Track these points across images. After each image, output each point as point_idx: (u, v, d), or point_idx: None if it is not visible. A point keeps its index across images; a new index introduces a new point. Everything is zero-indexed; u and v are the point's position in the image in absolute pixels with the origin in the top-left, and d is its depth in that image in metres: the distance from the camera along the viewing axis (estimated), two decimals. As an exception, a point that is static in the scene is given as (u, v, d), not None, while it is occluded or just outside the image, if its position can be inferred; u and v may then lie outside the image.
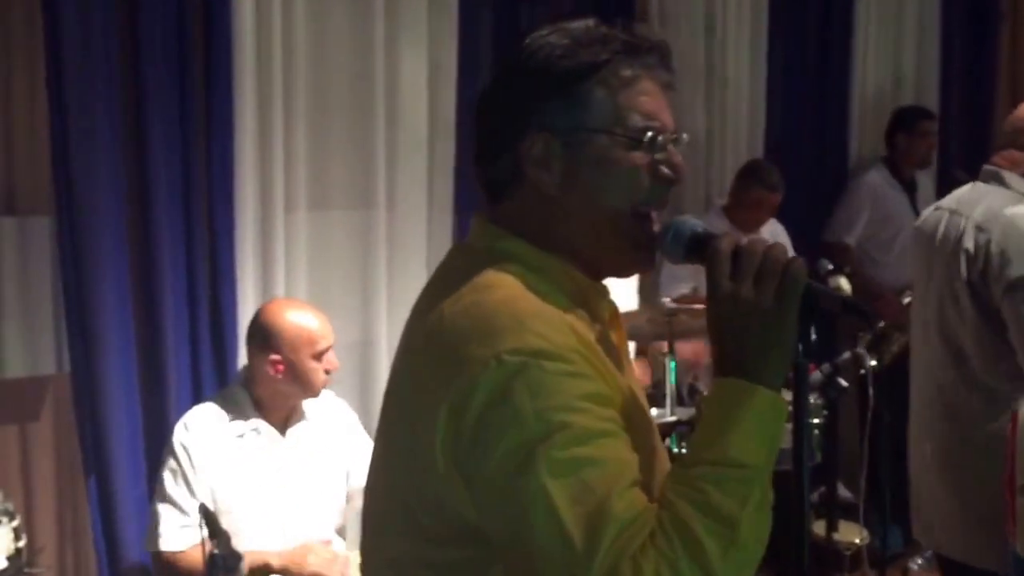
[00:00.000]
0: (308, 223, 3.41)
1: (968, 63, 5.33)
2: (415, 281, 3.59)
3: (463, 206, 3.73)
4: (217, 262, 3.18)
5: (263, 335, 2.73)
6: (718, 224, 3.99)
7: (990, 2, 5.39)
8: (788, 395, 1.26)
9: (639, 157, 1.28)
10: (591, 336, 1.25)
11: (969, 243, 2.57)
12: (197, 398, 3.01)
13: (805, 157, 4.74)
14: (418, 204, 3.63)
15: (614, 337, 1.38)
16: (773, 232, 4.22)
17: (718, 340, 1.22)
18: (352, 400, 3.08)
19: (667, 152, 1.30)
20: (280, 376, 2.71)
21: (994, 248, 2.53)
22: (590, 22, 1.32)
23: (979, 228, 2.58)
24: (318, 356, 2.72)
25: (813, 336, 1.30)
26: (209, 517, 2.28)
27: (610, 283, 1.38)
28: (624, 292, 3.59)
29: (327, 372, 2.75)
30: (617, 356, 1.35)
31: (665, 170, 1.30)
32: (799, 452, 1.28)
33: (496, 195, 1.33)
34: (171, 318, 3.07)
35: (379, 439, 1.33)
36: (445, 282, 1.29)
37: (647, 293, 3.98)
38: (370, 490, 1.35)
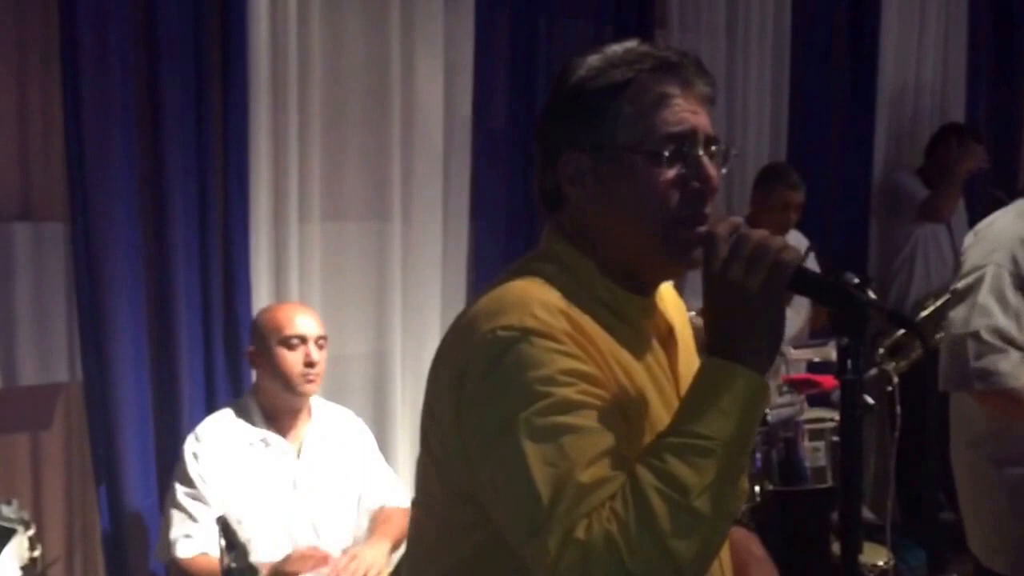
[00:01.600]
0: (322, 234, 3.46)
1: (995, 69, 5.30)
2: (430, 292, 3.62)
3: (479, 217, 3.76)
4: (231, 272, 3.22)
5: (251, 334, 2.86)
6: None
7: (1017, 7, 5.35)
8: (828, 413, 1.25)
9: (666, 171, 1.33)
10: (594, 329, 1.32)
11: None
12: (210, 408, 3.05)
13: (829, 165, 4.74)
14: (433, 215, 3.67)
15: (656, 345, 1.44)
16: (798, 244, 4.20)
17: (708, 323, 1.29)
18: (366, 411, 3.11)
19: (700, 164, 1.34)
20: (261, 370, 2.82)
21: (962, 258, 2.65)
22: (631, 43, 1.39)
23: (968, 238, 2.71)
24: (286, 343, 2.79)
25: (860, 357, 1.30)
26: (227, 529, 2.29)
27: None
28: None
29: (308, 366, 2.77)
30: (651, 360, 1.41)
31: (695, 183, 1.34)
32: (849, 476, 1.31)
33: (551, 206, 1.44)
34: (184, 328, 3.12)
35: (421, 429, 1.43)
36: (497, 279, 1.41)
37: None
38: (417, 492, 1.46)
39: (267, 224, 3.29)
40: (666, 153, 1.33)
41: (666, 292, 1.52)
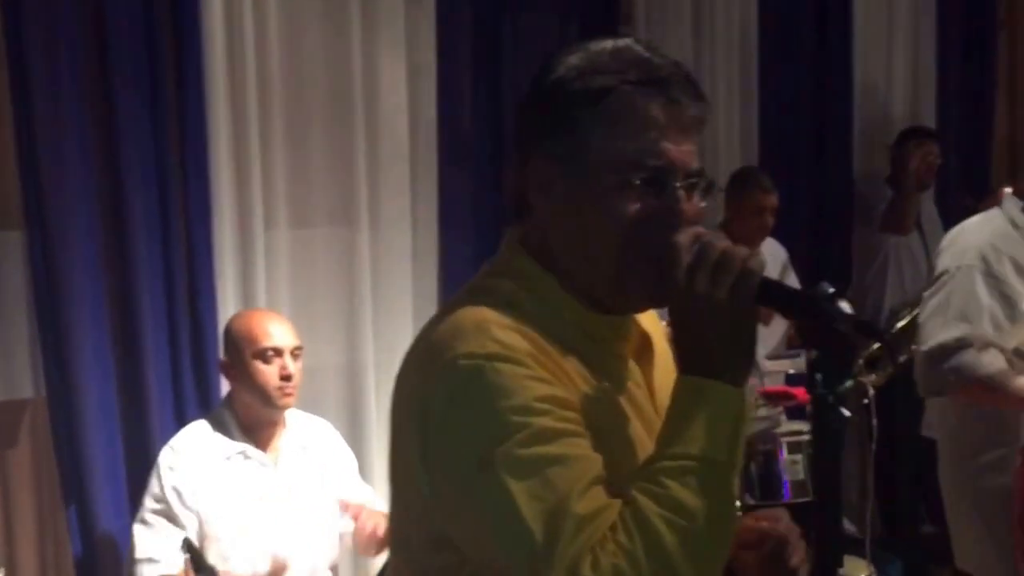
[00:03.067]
0: (289, 241, 3.45)
1: (965, 73, 5.33)
2: (401, 300, 3.62)
3: (447, 222, 3.76)
4: (196, 281, 3.21)
5: (223, 342, 2.85)
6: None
7: (988, 9, 5.38)
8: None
9: (638, 200, 1.25)
10: (559, 349, 1.26)
11: None
12: (180, 421, 3.04)
13: (803, 170, 4.74)
14: (402, 221, 3.67)
15: (631, 361, 1.37)
16: (773, 252, 4.21)
17: (677, 338, 1.25)
18: (339, 423, 3.13)
19: (675, 199, 1.26)
20: (235, 382, 2.79)
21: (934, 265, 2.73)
22: (620, 43, 1.30)
23: None
24: (261, 355, 2.75)
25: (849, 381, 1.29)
26: (193, 551, 2.26)
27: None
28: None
29: (285, 380, 2.74)
30: (624, 377, 1.35)
31: (666, 219, 1.25)
32: (824, 488, 1.30)
33: (518, 210, 1.35)
34: (150, 339, 3.10)
35: (389, 465, 1.39)
36: (452, 298, 1.36)
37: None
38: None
39: (231, 232, 3.28)
40: (637, 181, 1.25)
41: None
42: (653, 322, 1.45)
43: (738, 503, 1.21)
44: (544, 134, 1.29)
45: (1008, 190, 2.75)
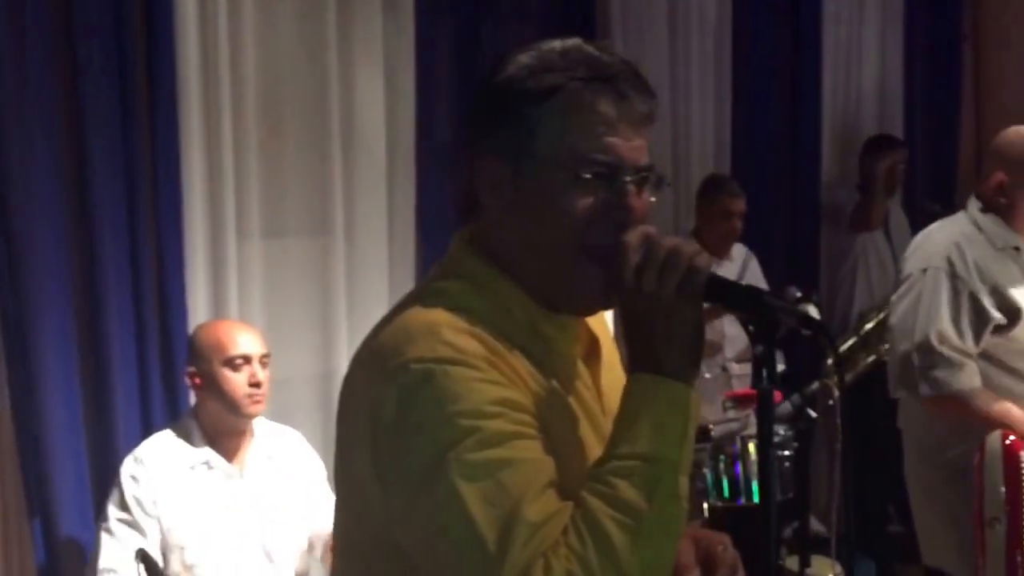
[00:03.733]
0: (263, 251, 3.42)
1: (931, 85, 5.42)
2: (376, 310, 3.57)
3: (425, 231, 3.75)
4: (166, 292, 3.17)
5: (188, 352, 2.84)
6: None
7: (953, 22, 5.48)
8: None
9: (585, 196, 1.26)
10: (510, 350, 1.25)
11: None
12: (146, 431, 3.00)
13: (774, 177, 4.83)
14: (378, 230, 3.65)
15: (579, 362, 1.37)
16: (744, 259, 4.27)
17: (626, 336, 1.25)
18: (313, 434, 3.09)
19: (624, 193, 1.26)
20: (202, 392, 2.78)
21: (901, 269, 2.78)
22: (569, 43, 1.31)
23: None
24: (230, 363, 2.75)
25: (781, 365, 1.32)
26: (148, 562, 2.25)
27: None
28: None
29: (254, 387, 2.74)
30: (573, 378, 1.34)
31: (616, 213, 1.26)
32: (767, 484, 1.32)
33: (468, 210, 1.35)
34: (117, 350, 3.06)
35: (335, 472, 1.38)
36: (401, 300, 1.34)
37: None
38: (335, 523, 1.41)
39: (203, 241, 3.25)
40: (587, 176, 1.25)
41: None
42: (602, 325, 1.46)
43: (706, 505, 1.23)
44: (494, 133, 1.29)
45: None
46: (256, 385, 2.74)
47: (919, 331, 2.60)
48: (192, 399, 2.98)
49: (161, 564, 2.61)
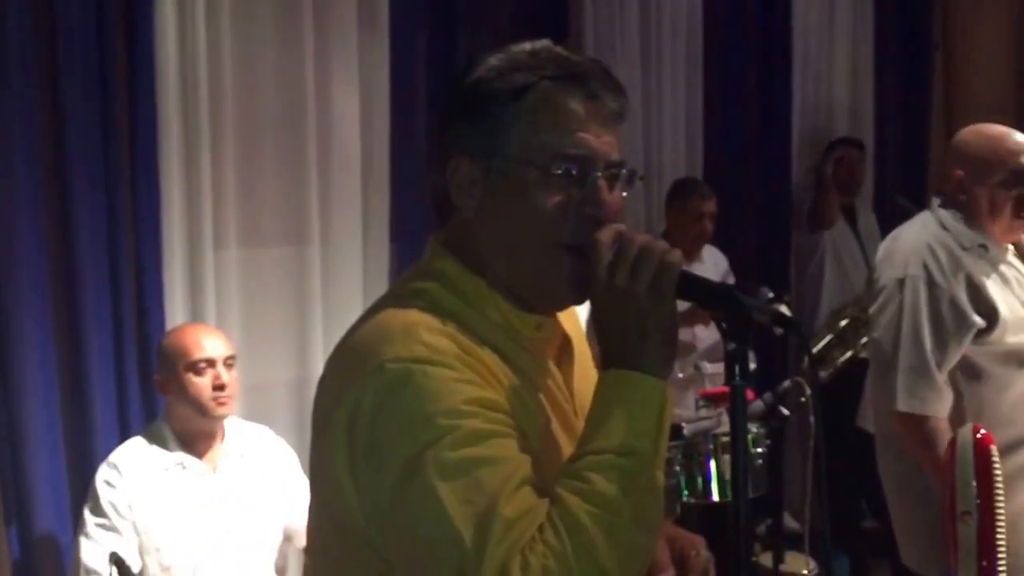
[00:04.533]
0: (240, 260, 3.45)
1: (902, 92, 5.50)
2: (351, 317, 3.51)
3: (400, 240, 3.78)
4: (144, 300, 3.20)
5: (156, 360, 2.89)
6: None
7: (923, 31, 5.56)
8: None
9: (560, 191, 1.27)
10: (484, 351, 1.26)
11: None
12: (124, 437, 3.01)
13: (746, 180, 4.90)
14: (353, 239, 3.68)
15: (551, 362, 1.38)
16: (715, 260, 4.31)
17: (600, 334, 1.25)
18: (290, 439, 3.11)
19: (596, 188, 1.27)
20: (170, 396, 2.82)
21: (876, 274, 2.76)
22: (539, 44, 1.32)
23: None
24: (193, 368, 2.78)
25: (753, 363, 1.34)
26: (121, 566, 2.28)
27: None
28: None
29: (219, 389, 2.78)
30: (545, 378, 1.35)
31: (588, 209, 1.27)
32: (739, 481, 1.32)
33: (440, 213, 1.36)
34: (96, 358, 3.08)
35: (310, 474, 1.40)
36: (375, 302, 1.36)
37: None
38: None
39: (181, 251, 3.28)
40: (559, 172, 1.26)
41: None
42: (575, 325, 1.47)
43: (679, 503, 1.24)
44: (465, 134, 1.30)
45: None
46: (220, 387, 2.78)
47: (903, 347, 2.58)
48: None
49: (139, 567, 2.64)
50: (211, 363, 2.80)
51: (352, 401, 1.21)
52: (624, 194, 1.32)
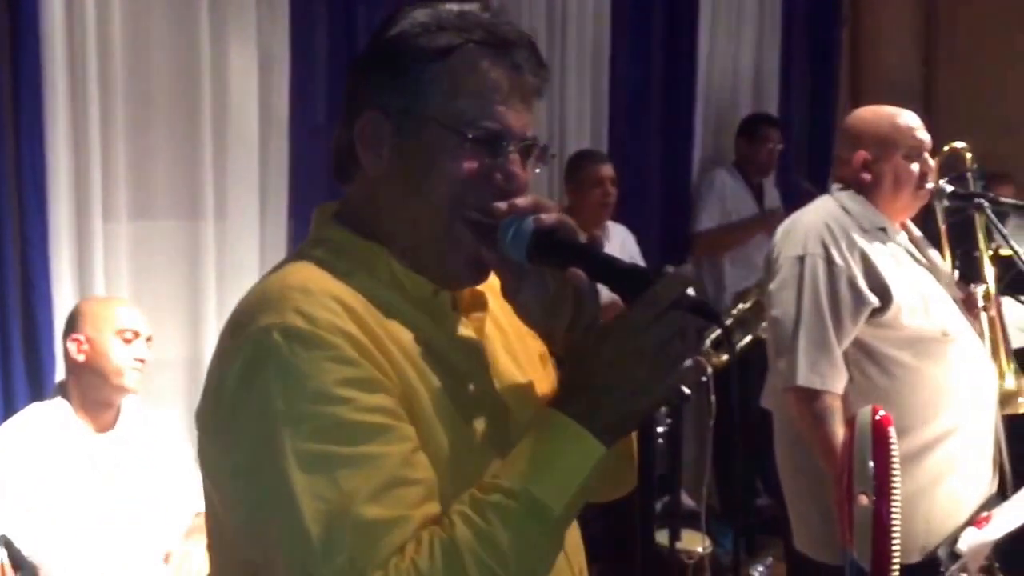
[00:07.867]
0: (129, 234, 3.39)
1: (809, 66, 5.57)
2: None
3: (298, 215, 3.74)
4: (30, 275, 3.14)
5: (70, 321, 2.86)
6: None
7: (831, 5, 5.62)
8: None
9: (470, 157, 1.23)
10: (373, 315, 1.20)
11: None
12: (8, 412, 2.96)
13: (649, 162, 4.94)
14: (250, 214, 3.64)
15: (470, 331, 1.32)
16: (623, 239, 4.35)
17: (578, 366, 1.18)
18: (182, 420, 3.08)
19: (507, 159, 1.24)
20: (83, 359, 2.77)
21: (774, 254, 2.79)
22: (467, 5, 1.28)
23: None
24: (122, 334, 2.79)
25: None
26: (11, 549, 2.22)
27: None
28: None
29: (139, 363, 2.78)
30: (450, 345, 1.28)
31: (498, 177, 1.25)
32: (644, 459, 1.32)
33: (340, 172, 1.31)
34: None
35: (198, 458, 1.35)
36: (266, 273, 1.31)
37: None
38: None
39: (68, 224, 3.21)
40: (474, 139, 1.22)
41: None
42: (492, 289, 1.36)
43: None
44: (380, 90, 1.25)
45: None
46: (140, 361, 2.80)
47: (802, 325, 2.62)
48: (58, 376, 2.95)
49: (31, 546, 2.59)
50: (137, 335, 2.81)
51: (222, 372, 1.16)
52: (537, 170, 1.31)
